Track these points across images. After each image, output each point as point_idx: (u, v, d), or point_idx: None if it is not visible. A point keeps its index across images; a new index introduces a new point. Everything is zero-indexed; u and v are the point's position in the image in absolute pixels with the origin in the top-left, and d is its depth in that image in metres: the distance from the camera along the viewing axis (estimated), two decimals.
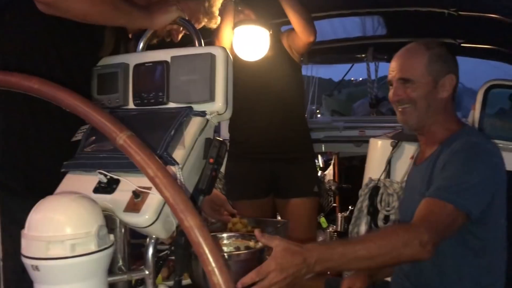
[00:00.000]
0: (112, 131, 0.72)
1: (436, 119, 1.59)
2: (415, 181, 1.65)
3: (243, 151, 2.62)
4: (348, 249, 1.31)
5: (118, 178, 1.14)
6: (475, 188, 1.44)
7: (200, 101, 1.25)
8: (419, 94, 1.56)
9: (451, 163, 1.47)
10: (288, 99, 2.54)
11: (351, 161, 3.89)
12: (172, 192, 0.68)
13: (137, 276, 1.12)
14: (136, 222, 1.07)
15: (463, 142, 1.51)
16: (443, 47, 1.63)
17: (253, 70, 2.53)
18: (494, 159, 1.52)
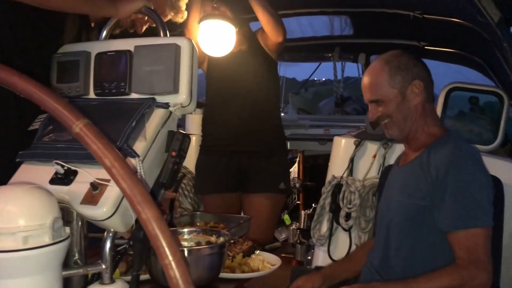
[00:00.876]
0: (68, 118, 0.69)
1: (417, 125, 1.63)
2: (397, 182, 1.68)
3: (212, 144, 2.62)
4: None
5: (76, 169, 1.10)
6: (487, 199, 1.48)
7: (164, 93, 1.22)
8: (391, 109, 1.61)
9: (447, 181, 1.47)
10: (260, 95, 2.54)
11: (315, 160, 3.92)
12: (129, 183, 0.65)
13: (94, 270, 1.09)
14: (93, 215, 1.04)
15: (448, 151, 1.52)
16: (402, 56, 1.65)
17: (228, 64, 2.53)
18: (482, 164, 1.56)
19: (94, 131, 0.68)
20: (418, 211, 1.53)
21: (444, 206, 1.47)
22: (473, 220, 1.44)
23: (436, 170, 1.50)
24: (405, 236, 1.57)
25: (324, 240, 2.24)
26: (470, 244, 1.44)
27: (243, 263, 1.56)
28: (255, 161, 2.55)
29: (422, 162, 1.56)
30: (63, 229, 0.97)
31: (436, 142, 1.58)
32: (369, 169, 2.23)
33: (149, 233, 0.64)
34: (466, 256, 1.44)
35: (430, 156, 1.55)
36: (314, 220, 2.31)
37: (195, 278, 1.26)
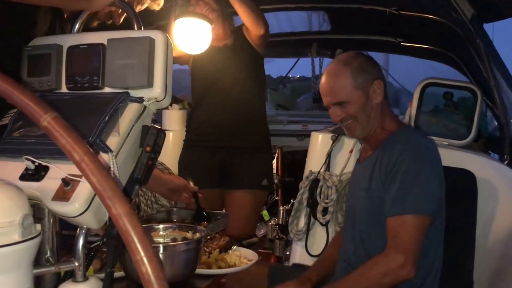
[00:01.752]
0: (36, 112, 0.67)
1: (377, 123, 1.68)
2: (359, 178, 1.72)
3: (195, 139, 2.61)
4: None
5: (47, 165, 1.08)
6: (427, 188, 1.52)
7: (138, 87, 1.20)
8: (356, 110, 1.65)
9: (397, 170, 1.53)
10: (244, 90, 2.52)
11: (294, 156, 3.93)
12: (99, 178, 0.64)
13: (66, 268, 1.07)
14: (65, 211, 1.02)
15: (404, 143, 1.59)
16: (361, 57, 1.70)
17: (212, 60, 2.51)
18: (436, 155, 1.60)
19: (63, 124, 0.67)
20: (376, 203, 1.58)
21: (388, 194, 1.53)
22: (407, 207, 1.49)
23: (386, 164, 1.56)
24: (369, 229, 1.62)
25: (302, 235, 2.24)
26: (397, 230, 1.49)
27: (219, 258, 1.55)
28: (238, 157, 2.54)
29: (376, 157, 1.62)
30: (33, 226, 0.95)
31: (389, 138, 1.64)
32: (346, 164, 2.24)
33: (120, 229, 0.63)
34: (391, 241, 1.49)
35: (383, 151, 1.61)
36: (292, 215, 2.31)
37: (171, 275, 1.25)
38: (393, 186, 1.52)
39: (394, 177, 1.53)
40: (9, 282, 0.90)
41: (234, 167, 2.56)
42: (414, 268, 1.45)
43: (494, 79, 2.12)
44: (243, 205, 2.54)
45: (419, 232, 1.48)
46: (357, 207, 1.68)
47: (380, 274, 1.47)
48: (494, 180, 2.02)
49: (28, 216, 0.93)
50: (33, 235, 0.93)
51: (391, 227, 1.51)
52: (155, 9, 1.64)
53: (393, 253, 1.47)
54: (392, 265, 1.45)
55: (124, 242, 1.07)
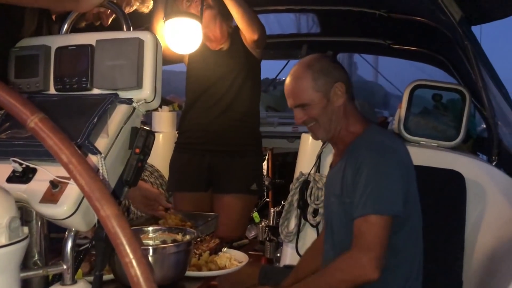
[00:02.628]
0: (23, 113, 0.66)
1: (341, 125, 1.67)
2: (331, 183, 1.72)
3: (186, 141, 2.59)
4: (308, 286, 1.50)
5: (35, 167, 1.06)
6: (389, 189, 1.52)
7: (127, 88, 1.19)
8: (317, 112, 1.65)
9: (361, 173, 1.53)
10: (238, 96, 2.50)
11: (284, 157, 3.93)
12: (87, 180, 0.63)
13: (54, 271, 1.06)
14: (53, 214, 1.01)
15: (367, 145, 1.59)
16: (322, 60, 1.70)
17: (207, 63, 2.51)
18: (398, 154, 1.59)
19: (50, 125, 0.66)
20: (349, 209, 1.57)
21: (354, 198, 1.53)
22: (369, 208, 1.49)
23: (353, 168, 1.56)
24: (346, 236, 1.60)
25: (292, 236, 2.24)
26: (362, 230, 1.49)
27: (209, 260, 1.54)
28: (227, 160, 2.53)
29: (346, 161, 1.62)
30: (21, 229, 0.93)
31: (354, 141, 1.64)
32: None
33: (108, 231, 0.62)
34: (356, 241, 1.49)
35: (350, 155, 1.61)
36: (282, 216, 2.31)
37: (161, 277, 1.24)
38: (358, 189, 1.53)
39: (359, 180, 1.53)
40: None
41: (223, 171, 2.54)
42: (378, 269, 1.43)
43: (482, 81, 2.14)
44: (231, 209, 2.52)
45: (383, 231, 1.47)
46: (333, 215, 1.68)
47: (344, 272, 1.47)
48: (483, 181, 2.04)
49: (15, 218, 0.92)
50: (20, 238, 0.92)
51: (356, 228, 1.51)
52: (144, 12, 1.63)
53: (356, 253, 1.46)
54: (355, 264, 1.45)
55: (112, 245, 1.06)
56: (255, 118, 2.65)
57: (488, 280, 1.81)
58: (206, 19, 2.31)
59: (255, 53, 2.53)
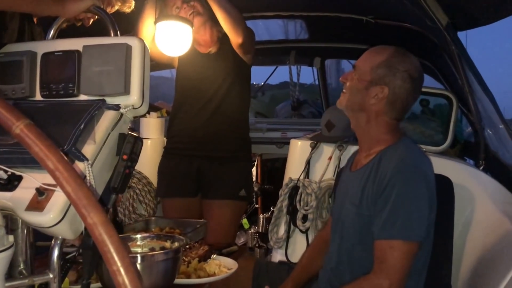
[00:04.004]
0: (8, 119, 0.65)
1: (368, 125, 1.60)
2: (348, 187, 1.66)
3: (174, 147, 2.56)
4: None
5: (21, 174, 1.05)
6: (418, 215, 1.47)
7: (114, 94, 1.18)
8: (352, 86, 1.60)
9: (389, 192, 1.47)
10: (227, 100, 2.47)
11: (273, 163, 3.93)
12: (73, 186, 0.62)
13: (40, 280, 1.04)
14: (39, 222, 0.99)
15: (395, 161, 1.51)
16: (405, 62, 1.58)
17: (195, 66, 2.48)
18: (429, 177, 1.54)
19: (36, 132, 0.65)
20: (365, 221, 1.54)
21: (378, 216, 1.48)
22: (396, 232, 1.45)
23: (380, 180, 1.50)
24: (356, 245, 1.57)
25: (282, 242, 2.23)
26: (384, 255, 1.45)
27: (199, 268, 1.52)
28: (215, 166, 2.50)
29: (370, 170, 1.56)
30: (5, 237, 0.92)
31: (385, 150, 1.57)
32: (325, 171, 2.25)
33: (95, 239, 0.61)
34: (377, 265, 1.46)
35: (378, 165, 1.54)
36: (272, 223, 2.30)
37: (149, 285, 1.22)
38: (384, 208, 1.47)
39: (386, 199, 1.47)
40: None
41: (212, 177, 2.51)
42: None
43: (469, 86, 2.15)
44: (220, 216, 2.48)
45: (407, 258, 1.44)
46: (346, 221, 1.62)
47: None
48: (471, 186, 2.05)
49: (0, 227, 0.90)
50: (5, 247, 0.90)
51: (379, 250, 1.46)
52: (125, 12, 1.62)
53: (378, 278, 1.43)
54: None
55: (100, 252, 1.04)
56: (244, 123, 2.62)
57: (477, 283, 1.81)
58: (196, 25, 2.30)
59: (245, 58, 2.51)
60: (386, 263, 1.43)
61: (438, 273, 1.92)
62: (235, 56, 2.47)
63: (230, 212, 2.52)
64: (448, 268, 1.95)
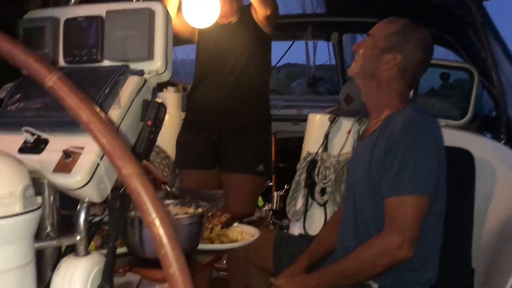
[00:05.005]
0: (40, 71, 0.65)
1: (379, 92, 1.62)
2: (359, 156, 1.68)
3: (193, 119, 2.56)
4: (339, 270, 1.52)
5: (47, 138, 1.05)
6: (426, 168, 1.48)
7: (138, 59, 1.18)
8: (363, 52, 1.62)
9: (396, 150, 1.49)
10: (246, 71, 2.45)
11: (287, 143, 3.90)
12: (108, 138, 0.62)
13: (68, 242, 1.05)
14: (67, 183, 0.99)
15: (405, 121, 1.53)
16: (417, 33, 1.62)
17: (215, 37, 2.46)
18: (437, 134, 1.56)
19: (69, 84, 0.64)
20: (375, 183, 1.55)
21: (387, 174, 1.50)
22: (405, 188, 1.46)
23: (387, 140, 1.52)
24: (370, 211, 1.58)
25: (300, 215, 2.24)
26: (395, 211, 1.46)
27: (221, 234, 1.54)
28: (233, 139, 2.48)
29: (378, 134, 1.58)
30: (34, 198, 0.93)
31: (393, 114, 1.60)
32: (344, 145, 2.24)
33: (131, 190, 0.61)
34: (388, 222, 1.47)
35: (385, 129, 1.57)
36: (289, 196, 2.31)
37: None
38: (392, 166, 1.49)
39: (393, 157, 1.50)
40: (11, 254, 0.88)
41: (229, 150, 2.50)
42: (412, 249, 1.43)
43: (492, 57, 2.11)
44: (237, 189, 2.47)
45: (418, 213, 1.46)
46: (357, 188, 1.65)
47: (376, 255, 1.46)
48: (492, 159, 2.03)
49: (29, 187, 0.91)
50: (34, 207, 0.91)
51: (389, 208, 1.48)
52: None
53: (390, 234, 1.45)
54: (390, 246, 1.44)
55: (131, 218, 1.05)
56: (264, 96, 2.60)
57: (497, 258, 1.80)
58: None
59: (267, 30, 2.48)
60: (397, 219, 1.44)
61: (458, 250, 1.91)
62: (256, 26, 2.44)
63: (248, 186, 2.51)
64: (468, 245, 1.94)
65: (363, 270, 1.49)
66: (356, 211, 1.64)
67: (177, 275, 0.60)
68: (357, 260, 1.50)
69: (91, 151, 1.01)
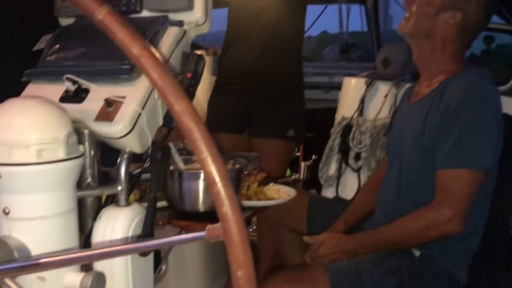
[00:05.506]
0: (90, 5, 0.62)
1: (433, 53, 1.52)
2: (408, 119, 1.59)
3: (224, 81, 2.51)
4: (381, 237, 1.49)
5: (88, 86, 1.04)
6: (485, 143, 1.41)
7: (177, 9, 1.15)
8: (417, 9, 1.50)
9: (455, 119, 1.40)
10: (279, 32, 2.37)
11: (314, 114, 3.83)
12: (160, 73, 0.60)
13: (109, 191, 1.05)
14: (109, 132, 0.99)
15: (466, 89, 1.43)
16: None
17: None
18: (499, 107, 1.47)
19: (119, 18, 0.62)
20: (426, 151, 1.48)
21: (443, 145, 1.42)
22: (462, 161, 1.39)
23: (445, 109, 1.43)
24: (417, 178, 1.52)
25: (333, 180, 2.21)
26: (449, 184, 1.40)
27: (258, 191, 1.53)
28: (264, 103, 2.42)
29: (433, 99, 1.48)
30: (77, 146, 0.92)
31: (451, 78, 1.49)
32: (380, 109, 2.18)
33: (183, 127, 0.59)
34: (440, 195, 1.41)
35: (442, 94, 1.47)
36: (322, 161, 2.27)
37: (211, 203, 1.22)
38: (448, 137, 1.40)
39: (451, 127, 1.41)
40: (53, 201, 0.89)
41: (259, 114, 2.44)
42: (463, 224, 1.38)
43: None
44: (267, 154, 2.43)
45: (472, 188, 1.39)
46: (405, 154, 1.57)
47: (425, 226, 1.41)
48: None
49: (72, 134, 0.90)
50: (77, 154, 0.91)
51: (442, 180, 1.41)
52: None
53: (441, 207, 1.39)
54: (440, 219, 1.38)
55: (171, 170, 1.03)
56: (297, 58, 2.53)
57: None
58: None
59: None
60: (450, 192, 1.38)
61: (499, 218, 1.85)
62: None
63: (278, 151, 2.46)
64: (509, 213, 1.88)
65: (407, 240, 1.45)
66: (401, 177, 1.57)
67: (229, 213, 0.58)
68: (402, 229, 1.45)
69: (133, 100, 1.00)
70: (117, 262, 0.97)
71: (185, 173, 1.22)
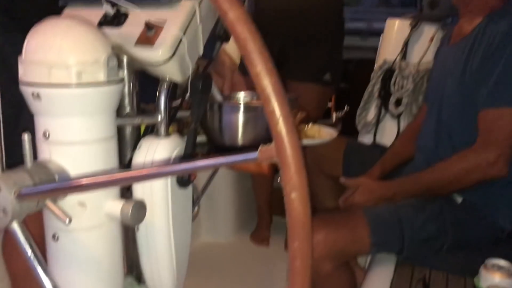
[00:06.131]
0: None
1: None
2: (448, 63, 1.51)
3: (259, 21, 2.41)
4: (421, 182, 1.43)
5: (127, 11, 1.00)
6: None
7: None
8: None
9: (499, 56, 1.32)
10: None
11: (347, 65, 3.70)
12: None
13: (149, 121, 1.02)
14: (149, 57, 0.94)
15: (507, 24, 1.34)
16: None
17: None
18: None
19: None
20: (468, 92, 1.40)
21: (485, 83, 1.34)
22: (506, 100, 1.31)
23: (487, 45, 1.35)
24: (459, 122, 1.45)
25: (371, 126, 2.14)
26: (493, 125, 1.32)
27: (299, 130, 1.48)
28: (300, 46, 2.33)
29: (474, 38, 1.40)
30: (117, 70, 0.88)
31: (492, 15, 1.40)
32: (425, 53, 2.07)
33: (236, 37, 0.54)
34: (483, 136, 1.34)
35: (484, 31, 1.38)
36: (361, 107, 2.20)
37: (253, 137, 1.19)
38: (491, 75, 1.33)
39: (494, 65, 1.33)
40: (93, 125, 0.86)
41: (294, 57, 2.34)
42: (507, 166, 1.31)
43: None
44: (304, 98, 2.36)
45: None
46: (445, 98, 1.50)
47: (467, 169, 1.35)
48: None
49: (112, 57, 0.86)
50: (118, 78, 0.87)
51: (485, 120, 1.34)
52: None
53: (485, 149, 1.33)
54: (483, 162, 1.32)
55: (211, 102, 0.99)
56: (337, 2, 2.40)
57: None
58: None
59: None
60: (494, 132, 1.31)
61: None
62: None
63: (313, 95, 2.39)
64: None
65: (449, 184, 1.38)
66: (441, 122, 1.51)
67: (283, 133, 0.54)
68: (443, 173, 1.39)
69: (174, 24, 0.95)
70: (157, 191, 0.95)
71: (225, 105, 1.18)
